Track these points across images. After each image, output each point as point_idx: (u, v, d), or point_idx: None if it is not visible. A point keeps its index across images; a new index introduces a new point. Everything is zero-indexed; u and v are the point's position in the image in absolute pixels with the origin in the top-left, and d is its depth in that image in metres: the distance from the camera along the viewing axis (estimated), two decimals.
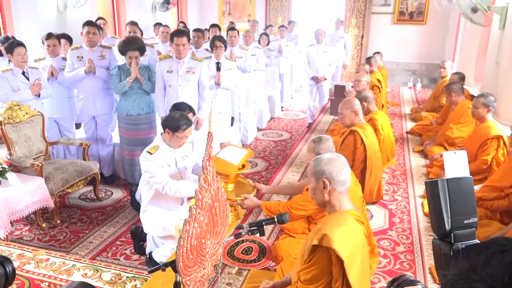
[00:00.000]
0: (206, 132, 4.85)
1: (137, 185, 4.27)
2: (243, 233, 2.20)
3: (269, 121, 7.90)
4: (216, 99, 5.28)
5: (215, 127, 4.71)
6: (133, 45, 4.47)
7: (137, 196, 4.22)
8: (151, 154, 3.12)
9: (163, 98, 4.60)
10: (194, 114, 3.91)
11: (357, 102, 4.25)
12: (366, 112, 5.03)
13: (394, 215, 4.28)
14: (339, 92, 6.65)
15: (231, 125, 5.80)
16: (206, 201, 1.60)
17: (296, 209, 3.11)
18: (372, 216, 4.24)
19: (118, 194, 4.77)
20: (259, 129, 7.34)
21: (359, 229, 2.08)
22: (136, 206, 4.34)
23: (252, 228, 2.25)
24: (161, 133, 3.28)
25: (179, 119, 3.14)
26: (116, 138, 5.06)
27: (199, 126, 4.66)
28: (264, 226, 2.19)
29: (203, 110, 4.65)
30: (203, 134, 4.88)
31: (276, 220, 2.27)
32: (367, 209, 4.12)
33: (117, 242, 3.80)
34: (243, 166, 3.35)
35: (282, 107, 8.83)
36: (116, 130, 4.99)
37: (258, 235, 2.24)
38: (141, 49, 4.56)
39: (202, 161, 1.55)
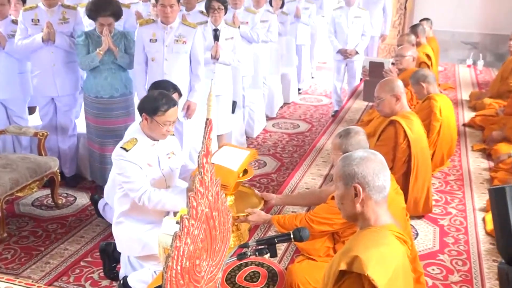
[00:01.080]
0: (199, 121, 4.86)
1: (102, 191, 4.31)
2: (249, 254, 2.22)
3: (282, 107, 7.90)
4: (213, 77, 5.28)
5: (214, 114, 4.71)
6: (105, 9, 4.47)
7: (100, 206, 4.25)
8: (126, 150, 3.12)
9: (144, 76, 4.62)
10: (180, 95, 3.90)
11: (399, 83, 4.24)
12: (425, 96, 5.06)
13: (446, 233, 4.28)
14: (375, 70, 6.62)
15: (232, 112, 5.80)
16: (202, 209, 1.61)
17: (318, 223, 3.11)
18: (417, 234, 4.24)
19: (83, 200, 4.80)
20: (268, 118, 7.34)
21: (401, 251, 2.09)
22: (100, 215, 4.36)
23: (261, 247, 2.26)
24: (140, 122, 3.29)
25: (157, 98, 3.17)
26: (81, 127, 5.08)
27: (190, 112, 4.66)
28: (277, 245, 2.21)
29: (196, 91, 4.65)
30: (195, 124, 4.89)
31: (292, 236, 2.27)
32: (411, 225, 4.12)
33: (82, 263, 3.82)
34: (245, 171, 3.36)
35: (299, 90, 8.81)
36: (82, 116, 5.01)
37: (267, 256, 2.25)
38: (116, 14, 4.57)
39: (198, 157, 1.56)
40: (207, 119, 1.63)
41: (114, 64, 4.59)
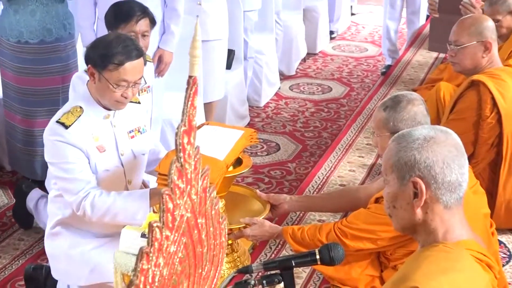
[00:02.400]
0: (177, 81, 4.87)
1: (35, 181, 4.33)
2: (252, 283, 2.24)
3: (304, 60, 7.90)
4: (199, 13, 5.28)
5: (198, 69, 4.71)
6: None
7: (31, 203, 4.27)
8: (66, 126, 3.10)
9: (91, 9, 4.63)
10: (153, 22, 3.91)
11: (490, 25, 4.23)
12: None
13: None
14: (449, 3, 6.59)
15: (228, 67, 5.81)
16: (181, 214, 1.63)
17: (354, 238, 3.13)
18: (510, 257, 4.25)
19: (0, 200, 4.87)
20: (283, 77, 7.35)
21: (483, 280, 2.10)
22: (25, 221, 4.41)
23: (270, 273, 2.29)
24: (87, 82, 3.30)
25: (111, 42, 3.13)
26: None
27: (164, 66, 4.69)
28: (295, 269, 2.23)
29: (173, 35, 4.69)
30: (170, 85, 4.90)
31: (318, 256, 2.30)
32: (500, 242, 4.13)
33: None
34: (239, 162, 3.38)
35: (332, 33, 8.78)
36: None
37: (280, 287, 2.28)
38: None
39: (176, 134, 1.58)
40: (190, 76, 1.64)
41: None
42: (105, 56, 3.08)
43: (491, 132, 4.21)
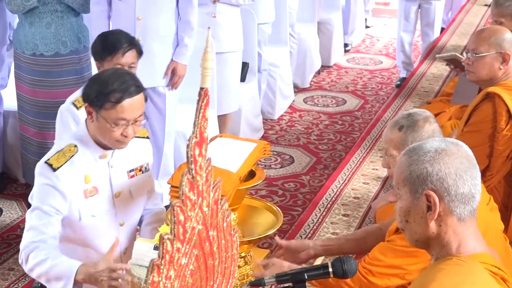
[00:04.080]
0: (190, 93, 4.88)
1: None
2: None
3: (319, 72, 7.89)
4: (212, 25, 5.28)
5: (210, 81, 4.71)
6: None
7: None
8: (53, 169, 2.93)
9: (105, 22, 4.66)
10: (139, 53, 3.85)
11: (509, 36, 4.21)
12: None
13: None
14: (455, 64, 6.52)
15: (242, 79, 5.81)
16: (192, 227, 1.63)
17: (381, 276, 3.01)
18: None
19: (13, 213, 4.86)
20: (297, 89, 7.34)
21: None
22: None
23: (283, 286, 2.28)
24: (86, 119, 3.12)
25: (107, 79, 2.98)
26: (10, 100, 5.14)
27: (177, 79, 4.71)
28: (307, 282, 2.22)
29: (187, 47, 4.68)
30: (184, 97, 4.91)
31: (331, 269, 2.28)
32: None
33: None
34: (252, 174, 3.37)
35: (346, 45, 8.77)
36: (12, 85, 5.05)
37: None
38: None
39: (188, 146, 1.57)
40: (202, 88, 1.64)
41: (61, 5, 4.60)
42: (101, 94, 2.93)
43: (507, 145, 4.17)
